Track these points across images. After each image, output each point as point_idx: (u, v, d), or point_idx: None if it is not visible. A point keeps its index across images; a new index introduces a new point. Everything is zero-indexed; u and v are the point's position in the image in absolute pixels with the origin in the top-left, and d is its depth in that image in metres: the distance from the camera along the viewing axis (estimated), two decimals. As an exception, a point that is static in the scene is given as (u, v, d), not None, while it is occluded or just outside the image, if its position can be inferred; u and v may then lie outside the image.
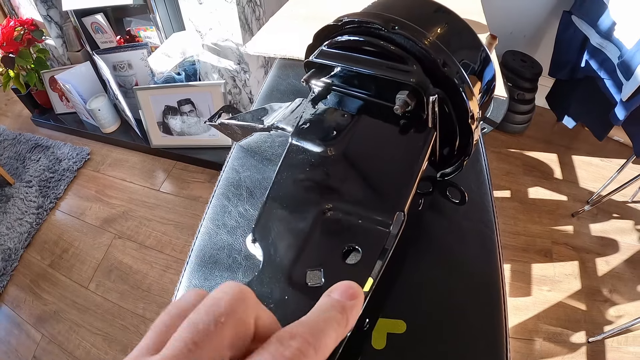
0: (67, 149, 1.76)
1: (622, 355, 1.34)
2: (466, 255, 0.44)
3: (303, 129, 0.36)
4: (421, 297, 0.39)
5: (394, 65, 0.32)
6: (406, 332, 0.36)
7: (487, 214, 0.49)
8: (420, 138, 0.33)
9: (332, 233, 0.29)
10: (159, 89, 1.50)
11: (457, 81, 0.31)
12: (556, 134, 2.05)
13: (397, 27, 0.32)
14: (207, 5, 1.36)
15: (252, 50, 0.77)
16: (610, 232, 1.68)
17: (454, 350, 0.36)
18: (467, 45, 0.36)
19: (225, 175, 0.54)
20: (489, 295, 0.41)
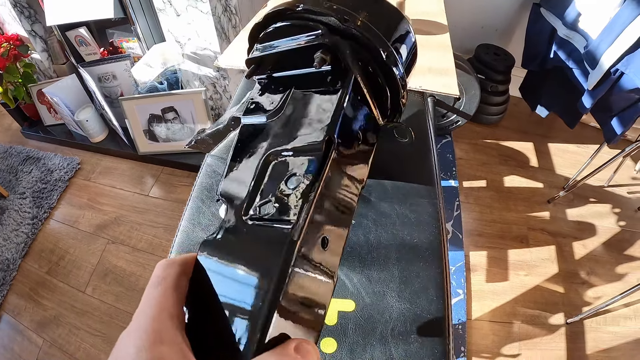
0: (58, 159, 1.81)
1: (602, 335, 1.39)
2: (414, 244, 0.50)
3: (249, 109, 0.41)
4: (371, 280, 0.44)
5: (306, 35, 0.35)
6: (354, 310, 0.42)
7: (433, 206, 0.55)
8: (340, 78, 0.35)
9: (277, 171, 0.32)
10: (143, 98, 1.55)
11: (358, 32, 0.34)
12: (532, 124, 2.10)
13: (301, 4, 0.36)
14: (184, 17, 1.41)
15: (223, 63, 0.82)
16: (587, 216, 1.74)
17: (397, 328, 0.42)
18: (386, 14, 0.38)
19: (199, 180, 0.60)
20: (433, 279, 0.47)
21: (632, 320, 1.43)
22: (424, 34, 0.94)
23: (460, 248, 1.55)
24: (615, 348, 1.36)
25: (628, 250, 1.64)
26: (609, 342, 1.37)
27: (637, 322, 1.43)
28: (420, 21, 0.98)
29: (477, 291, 1.46)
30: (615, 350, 1.36)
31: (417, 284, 0.45)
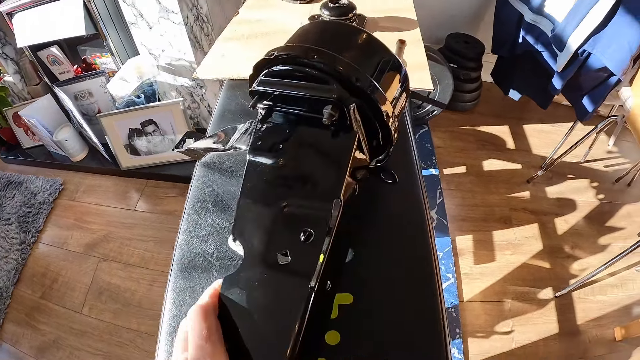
0: (40, 181, 1.78)
1: (590, 305, 1.44)
2: (401, 234, 0.52)
3: (256, 147, 0.43)
4: (365, 273, 0.47)
5: (318, 86, 0.40)
6: (353, 302, 0.44)
7: (416, 196, 0.57)
8: (347, 140, 0.41)
9: (291, 222, 0.38)
10: (122, 113, 1.54)
11: (368, 91, 0.39)
12: (506, 107, 2.16)
13: (316, 55, 0.40)
14: (157, 29, 1.42)
15: (202, 75, 0.83)
16: (567, 193, 1.80)
17: (394, 316, 0.45)
18: (377, 58, 0.43)
19: (192, 192, 0.61)
20: (422, 266, 0.49)
21: (618, 288, 1.50)
22: (394, 31, 0.96)
23: (446, 234, 1.60)
24: (605, 316, 1.42)
25: (609, 222, 1.70)
26: (597, 311, 1.43)
27: (623, 289, 1.49)
28: (390, 18, 1.01)
29: (467, 274, 1.51)
30: (604, 318, 1.42)
31: (408, 273, 0.48)
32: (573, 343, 1.36)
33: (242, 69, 0.82)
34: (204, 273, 0.51)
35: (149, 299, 1.40)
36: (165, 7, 1.33)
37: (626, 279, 1.52)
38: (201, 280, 0.51)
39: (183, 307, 0.49)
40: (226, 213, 0.58)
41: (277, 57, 0.43)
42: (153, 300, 1.39)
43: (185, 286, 0.50)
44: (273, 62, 0.44)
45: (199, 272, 0.51)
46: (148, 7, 1.35)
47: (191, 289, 0.50)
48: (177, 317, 0.48)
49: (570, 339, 1.37)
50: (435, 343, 0.43)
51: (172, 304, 0.50)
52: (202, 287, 0.50)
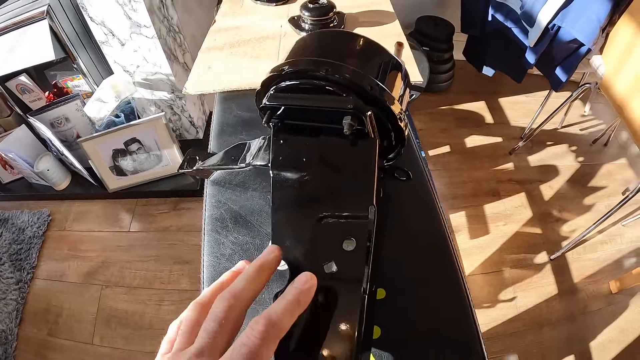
0: (26, 216, 1.73)
1: (584, 263, 1.51)
2: (417, 222, 0.55)
3: (279, 162, 0.44)
4: (390, 267, 0.48)
5: (334, 98, 0.41)
6: (386, 296, 0.46)
7: (424, 186, 0.59)
8: (368, 147, 0.42)
9: (331, 233, 0.39)
10: (103, 135, 1.51)
11: (380, 97, 0.40)
12: (480, 83, 2.21)
13: (329, 68, 0.40)
14: (129, 45, 1.39)
15: (192, 90, 0.81)
16: (548, 159, 1.87)
17: (423, 301, 0.47)
18: (381, 62, 0.44)
19: (208, 212, 0.61)
20: (443, 253, 0.52)
21: (608, 244, 1.57)
22: (374, 25, 0.97)
23: (439, 213, 1.64)
24: (599, 272, 1.49)
25: (591, 182, 1.77)
26: (591, 268, 1.50)
27: (612, 245, 1.57)
28: (368, 12, 1.02)
29: (464, 249, 1.55)
30: (598, 274, 1.49)
31: (430, 262, 0.51)
32: (573, 301, 1.42)
33: (233, 80, 0.81)
34: (237, 292, 0.52)
35: (160, 318, 1.39)
36: (136, 22, 1.31)
37: (614, 234, 1.59)
38: (236, 299, 0.51)
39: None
40: (247, 229, 0.58)
41: (287, 72, 0.43)
42: (164, 319, 1.38)
43: (221, 307, 0.51)
44: (283, 77, 0.45)
45: (231, 292, 0.52)
46: (118, 24, 1.33)
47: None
48: None
49: (570, 297, 1.43)
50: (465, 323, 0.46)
51: None
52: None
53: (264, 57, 0.87)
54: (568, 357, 1.29)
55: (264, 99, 0.46)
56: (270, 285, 0.51)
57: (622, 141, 1.96)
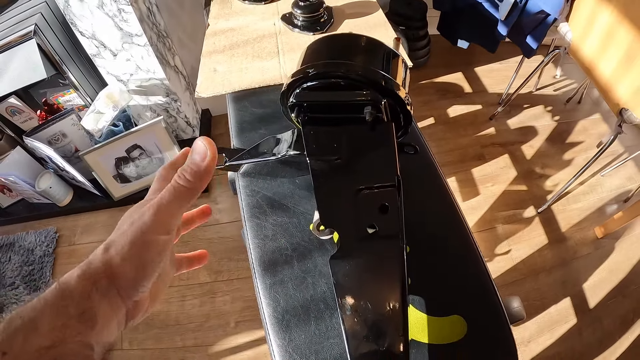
0: (32, 236, 1.74)
1: (569, 213, 1.63)
2: (426, 188, 0.66)
3: (313, 150, 0.52)
4: (413, 227, 0.57)
5: (355, 93, 0.49)
6: (411, 251, 0.55)
7: (427, 157, 0.68)
8: (387, 129, 0.50)
9: (368, 202, 0.48)
10: (104, 146, 1.54)
11: (391, 87, 0.48)
12: (455, 55, 2.29)
13: (348, 69, 0.48)
14: (122, 55, 1.43)
15: (205, 94, 0.85)
16: (526, 121, 1.97)
17: (440, 252, 0.58)
18: (385, 57, 0.52)
19: (245, 202, 0.69)
20: (450, 212, 0.61)
21: (590, 194, 1.69)
22: (361, 16, 1.04)
23: (432, 183, 1.73)
24: (584, 220, 1.61)
25: (568, 139, 1.89)
26: (577, 217, 1.62)
27: (593, 194, 1.69)
28: (353, 4, 1.08)
29: (461, 208, 1.66)
30: (584, 222, 1.61)
31: (442, 220, 0.64)
32: (563, 248, 1.55)
33: (242, 80, 0.87)
34: (285, 265, 0.60)
35: (185, 314, 1.45)
36: (127, 32, 1.35)
37: (594, 184, 1.72)
38: (285, 271, 0.59)
39: (279, 297, 0.57)
40: (284, 211, 0.66)
41: (313, 74, 0.51)
42: (190, 314, 1.44)
43: (274, 281, 0.59)
44: (307, 79, 0.52)
45: (281, 266, 0.60)
46: (109, 36, 1.36)
47: (280, 282, 0.58)
48: (277, 308, 0.56)
49: (560, 245, 1.55)
50: (477, 269, 0.57)
51: (269, 298, 0.57)
52: (289, 277, 0.58)
53: (265, 56, 0.93)
54: (565, 299, 1.41)
55: (291, 97, 0.53)
56: (315, 256, 0.60)
57: (594, 98, 2.07)
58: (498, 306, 0.54)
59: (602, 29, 1.30)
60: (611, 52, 1.27)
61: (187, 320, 1.43)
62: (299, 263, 0.60)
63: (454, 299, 0.54)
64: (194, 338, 1.39)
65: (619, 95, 1.27)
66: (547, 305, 1.40)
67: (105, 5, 1.27)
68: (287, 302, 0.56)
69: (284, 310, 0.56)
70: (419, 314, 0.53)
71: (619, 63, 1.24)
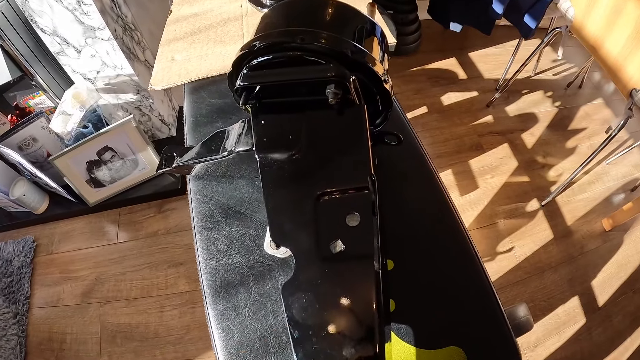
0: (11, 246, 1.66)
1: (575, 205, 1.54)
2: (414, 186, 0.54)
3: (263, 144, 0.41)
4: (397, 235, 0.47)
5: (315, 68, 0.38)
6: (395, 267, 0.45)
7: (416, 148, 0.57)
8: (357, 114, 0.40)
9: (333, 211, 0.37)
10: (74, 149, 1.45)
11: (362, 60, 0.38)
12: (448, 40, 2.19)
13: (304, 37, 0.38)
14: (86, 51, 1.33)
15: (159, 85, 0.76)
16: (526, 108, 1.87)
17: (432, 265, 0.47)
18: (356, 25, 0.42)
19: (195, 209, 0.59)
20: (445, 216, 0.51)
21: (596, 183, 1.59)
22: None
23: (427, 175, 1.63)
24: (590, 212, 1.51)
25: (571, 125, 1.79)
26: (583, 209, 1.52)
27: (600, 184, 1.59)
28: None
29: (457, 207, 1.55)
30: (590, 214, 1.51)
31: (432, 227, 0.50)
32: (569, 243, 1.45)
33: (200, 68, 0.77)
34: (240, 287, 0.50)
35: (164, 325, 1.36)
36: (90, 26, 1.25)
37: (600, 173, 1.62)
38: (240, 295, 0.49)
39: (232, 327, 0.47)
40: (239, 220, 0.56)
41: (259, 48, 0.40)
42: (169, 326, 1.36)
43: (227, 307, 0.48)
44: (255, 54, 0.41)
45: (235, 288, 0.50)
46: (71, 31, 1.26)
47: (234, 308, 0.48)
48: (230, 340, 0.46)
49: (566, 240, 1.45)
50: (478, 283, 0.45)
51: (221, 328, 0.47)
52: (244, 302, 0.48)
53: (229, 40, 0.83)
54: (573, 298, 1.32)
55: (237, 80, 0.43)
56: (276, 276, 0.49)
57: (595, 81, 1.97)
58: (505, 331, 0.43)
59: (607, 3, 1.20)
60: (618, 29, 1.18)
61: (166, 332, 1.35)
62: (256, 285, 0.50)
63: (449, 326, 0.43)
64: (174, 351, 1.31)
65: (628, 75, 1.18)
66: (554, 305, 1.31)
67: (64, -3, 1.17)
68: (242, 334, 0.46)
69: (238, 344, 0.45)
70: (406, 347, 0.42)
71: (627, 40, 1.15)
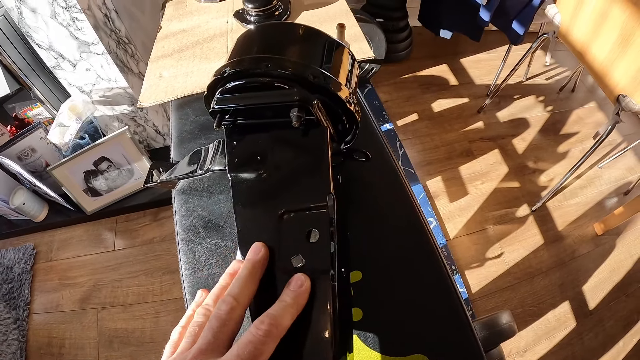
0: (11, 253, 1.70)
1: (566, 210, 1.54)
2: (384, 200, 0.55)
3: (235, 164, 0.44)
4: (364, 248, 0.49)
5: (279, 93, 0.41)
6: (363, 278, 0.47)
7: (388, 163, 0.60)
8: (319, 136, 0.42)
9: (294, 227, 0.40)
10: (71, 160, 1.48)
11: (325, 84, 0.40)
12: (439, 46, 2.20)
13: (269, 64, 0.40)
14: (81, 65, 1.36)
15: (147, 102, 0.78)
16: (517, 113, 1.88)
17: (400, 276, 0.48)
18: (322, 48, 0.44)
19: (179, 223, 0.61)
20: (414, 228, 0.52)
21: (588, 188, 1.60)
22: (321, 6, 0.96)
23: (416, 182, 1.64)
24: (582, 216, 1.52)
25: (563, 130, 1.80)
26: (574, 214, 1.53)
27: (591, 188, 1.60)
28: (314, -6, 1.00)
29: (446, 213, 1.57)
30: (582, 218, 1.51)
31: (401, 238, 0.52)
32: (560, 248, 1.46)
33: (186, 85, 0.80)
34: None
35: (160, 330, 1.39)
36: (84, 41, 1.28)
37: (592, 177, 1.63)
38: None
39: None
40: (219, 232, 0.58)
41: (229, 74, 0.43)
42: (164, 330, 1.38)
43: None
44: (226, 79, 0.44)
45: (213, 296, 0.52)
46: (66, 46, 1.29)
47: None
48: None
49: (557, 245, 1.46)
50: (445, 292, 0.47)
51: None
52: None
53: (213, 57, 0.86)
54: (563, 303, 1.33)
55: (212, 102, 0.45)
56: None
57: (588, 85, 1.98)
58: (471, 339, 0.45)
59: (593, 9, 1.21)
60: (604, 34, 1.18)
61: (162, 337, 1.38)
62: (233, 294, 0.52)
63: (415, 334, 0.45)
64: (168, 358, 1.32)
65: (615, 81, 1.19)
66: (545, 310, 1.32)
67: (59, 14, 1.20)
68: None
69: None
70: (372, 353, 0.44)
71: (613, 45, 1.15)
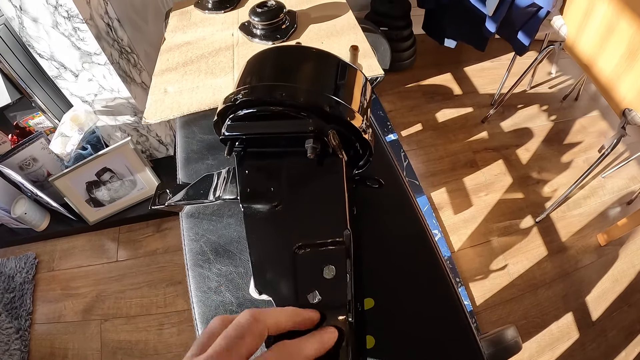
0: (13, 262, 1.68)
1: (570, 220, 1.54)
2: (397, 226, 0.55)
3: (247, 195, 0.43)
4: (378, 275, 0.48)
5: (294, 122, 0.40)
6: (375, 305, 0.46)
7: (400, 188, 0.59)
8: (335, 167, 0.42)
9: (310, 263, 0.39)
10: (73, 170, 1.47)
11: (339, 114, 0.39)
12: (443, 55, 2.20)
13: (284, 93, 0.39)
14: (84, 76, 1.35)
15: (152, 119, 0.75)
16: (521, 123, 1.87)
17: (412, 303, 0.47)
18: (336, 74, 0.43)
19: (188, 247, 0.60)
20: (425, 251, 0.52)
21: (591, 198, 1.59)
22: (328, 20, 0.95)
23: (421, 193, 1.64)
24: (585, 227, 1.51)
25: (567, 139, 1.79)
26: (578, 225, 1.52)
27: (595, 198, 1.59)
28: (320, 6, 0.99)
29: (450, 225, 1.56)
30: (585, 229, 1.51)
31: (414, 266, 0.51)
32: (564, 259, 1.45)
33: (191, 102, 0.78)
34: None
35: (163, 343, 1.38)
36: (86, 51, 1.27)
37: (595, 187, 1.62)
38: (228, 332, 0.51)
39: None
40: (229, 258, 0.58)
41: (242, 101, 0.42)
42: (168, 343, 1.37)
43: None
44: (238, 106, 0.43)
45: (224, 325, 0.52)
46: (69, 56, 1.28)
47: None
48: None
49: (560, 256, 1.46)
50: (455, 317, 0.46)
51: None
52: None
53: (219, 72, 0.84)
54: (567, 314, 1.33)
55: (223, 129, 0.44)
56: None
57: (591, 93, 1.98)
58: None
59: (600, 22, 1.20)
60: (611, 47, 1.18)
61: (165, 349, 1.36)
62: (243, 322, 0.51)
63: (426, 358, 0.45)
64: (171, 369, 1.32)
65: (621, 95, 1.18)
66: (548, 322, 1.31)
67: (60, 25, 1.19)
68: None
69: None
70: None
71: (620, 59, 1.15)
